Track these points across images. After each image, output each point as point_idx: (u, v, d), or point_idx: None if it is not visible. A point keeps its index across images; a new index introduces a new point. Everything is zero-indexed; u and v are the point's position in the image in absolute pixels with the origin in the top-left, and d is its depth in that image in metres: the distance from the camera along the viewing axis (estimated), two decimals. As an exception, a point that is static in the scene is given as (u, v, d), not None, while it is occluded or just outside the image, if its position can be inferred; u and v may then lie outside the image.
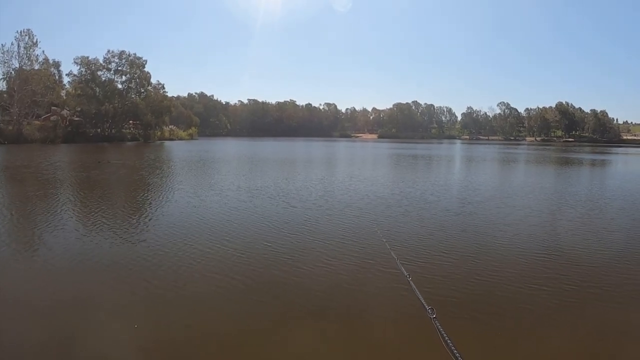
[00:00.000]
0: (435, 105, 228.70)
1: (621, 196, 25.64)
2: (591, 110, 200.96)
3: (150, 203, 21.07)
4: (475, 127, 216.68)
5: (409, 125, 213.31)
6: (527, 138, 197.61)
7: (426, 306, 4.06)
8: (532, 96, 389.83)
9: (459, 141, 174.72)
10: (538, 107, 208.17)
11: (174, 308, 8.53)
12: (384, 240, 10.02)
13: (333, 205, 19.94)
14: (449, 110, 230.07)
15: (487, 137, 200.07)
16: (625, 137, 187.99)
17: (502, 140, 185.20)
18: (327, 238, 13.85)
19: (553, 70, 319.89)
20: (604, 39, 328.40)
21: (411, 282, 4.86)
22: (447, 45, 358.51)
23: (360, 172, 37.62)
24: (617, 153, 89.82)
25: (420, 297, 4.38)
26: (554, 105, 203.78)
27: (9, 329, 7.53)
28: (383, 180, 31.17)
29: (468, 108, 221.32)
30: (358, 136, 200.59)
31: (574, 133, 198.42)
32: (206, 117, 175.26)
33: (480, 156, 71.30)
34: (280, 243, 13.14)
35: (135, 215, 17.63)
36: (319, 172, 36.85)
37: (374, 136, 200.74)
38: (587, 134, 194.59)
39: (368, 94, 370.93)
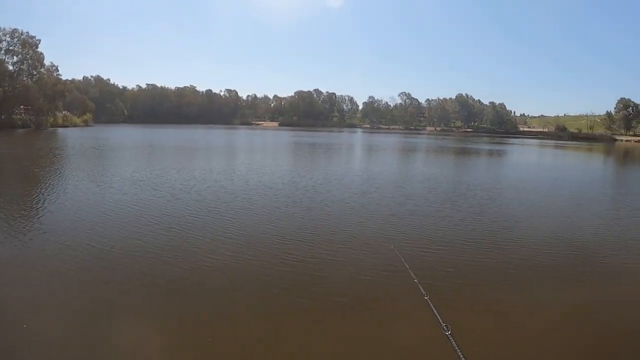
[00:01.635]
0: (337, 93, 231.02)
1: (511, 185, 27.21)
2: (490, 102, 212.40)
3: (34, 196, 19.52)
4: (377, 117, 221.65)
5: (310, 114, 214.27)
6: (427, 128, 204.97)
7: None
8: (434, 88, 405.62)
9: (359, 130, 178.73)
10: (439, 98, 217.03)
11: None
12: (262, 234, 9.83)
13: (220, 197, 19.34)
14: (351, 99, 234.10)
15: (387, 127, 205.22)
16: (522, 129, 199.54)
17: (402, 129, 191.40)
18: (209, 234, 13.41)
19: (456, 64, 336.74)
20: (508, 36, 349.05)
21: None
22: (350, 36, 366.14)
23: (256, 162, 37.25)
24: (512, 144, 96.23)
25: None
26: (454, 97, 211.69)
27: None
28: (278, 170, 30.74)
29: (369, 97, 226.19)
30: (259, 124, 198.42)
31: (473, 124, 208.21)
32: (102, 103, 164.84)
33: (379, 145, 72.90)
34: (154, 237, 12.72)
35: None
36: (213, 162, 35.97)
37: (275, 124, 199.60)
38: (485, 125, 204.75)
39: (270, 80, 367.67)
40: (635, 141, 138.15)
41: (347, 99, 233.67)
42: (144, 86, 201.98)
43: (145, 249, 11.53)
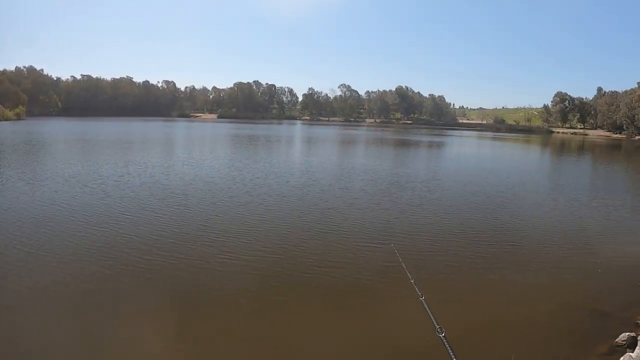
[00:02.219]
0: (277, 85, 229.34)
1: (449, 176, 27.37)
2: (429, 94, 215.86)
3: None
4: (316, 108, 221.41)
5: (249, 106, 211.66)
6: (366, 120, 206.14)
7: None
8: (374, 81, 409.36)
9: (299, 122, 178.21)
10: (378, 90, 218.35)
11: None
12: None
13: (154, 194, 18.66)
14: (290, 91, 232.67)
15: (327, 119, 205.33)
16: (461, 121, 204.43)
17: (342, 121, 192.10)
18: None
19: (396, 57, 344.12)
20: (447, 29, 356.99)
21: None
22: (289, 27, 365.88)
23: (193, 156, 36.03)
24: (452, 135, 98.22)
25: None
26: (394, 89, 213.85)
27: None
28: (216, 164, 30.01)
29: (309, 89, 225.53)
30: (197, 116, 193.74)
31: (412, 116, 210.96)
32: (35, 95, 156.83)
33: (319, 137, 72.32)
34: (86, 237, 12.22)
35: None
36: (149, 156, 34.01)
37: (214, 116, 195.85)
38: (425, 117, 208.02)
39: (209, 71, 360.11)
40: (571, 133, 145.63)
41: (286, 90, 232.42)
42: (78, 77, 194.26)
43: (77, 250, 11.10)
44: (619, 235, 15.44)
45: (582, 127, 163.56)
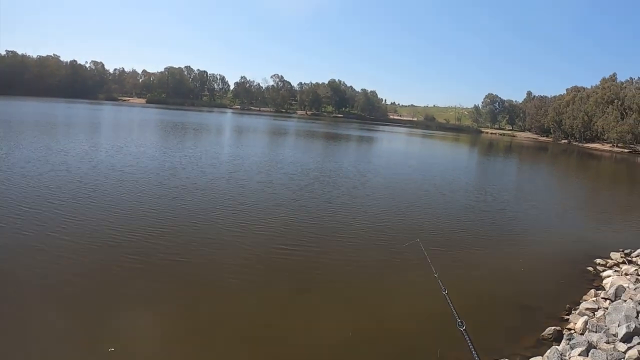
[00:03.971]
0: (209, 72, 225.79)
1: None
2: (362, 89, 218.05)
3: None
4: (248, 98, 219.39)
5: (179, 91, 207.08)
6: (298, 111, 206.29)
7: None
8: (307, 73, 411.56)
9: (230, 111, 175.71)
10: (311, 83, 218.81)
11: None
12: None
13: (61, 186, 17.97)
14: (222, 79, 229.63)
15: (258, 109, 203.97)
16: (391, 117, 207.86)
17: (273, 112, 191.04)
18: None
19: (331, 53, 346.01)
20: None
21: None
22: (226, 12, 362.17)
23: (114, 142, 33.64)
24: (382, 131, 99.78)
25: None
26: (326, 82, 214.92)
27: None
28: (136, 151, 28.79)
29: (242, 78, 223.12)
30: (125, 100, 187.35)
31: (344, 109, 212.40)
32: None
33: (249, 127, 71.55)
34: None
35: None
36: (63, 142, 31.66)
37: (142, 101, 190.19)
38: (356, 112, 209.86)
39: (140, 54, 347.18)
40: (500, 134, 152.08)
41: (218, 78, 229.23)
42: (3, 53, 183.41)
43: None
44: (542, 234, 16.14)
45: (511, 128, 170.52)
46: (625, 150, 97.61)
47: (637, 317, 7.92)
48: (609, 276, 11.18)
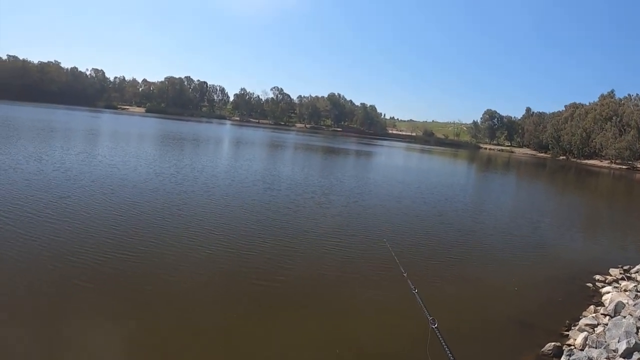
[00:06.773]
0: (209, 83, 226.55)
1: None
2: (361, 103, 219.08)
3: None
4: (247, 109, 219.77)
5: (179, 101, 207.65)
6: (297, 124, 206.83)
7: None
8: (307, 87, 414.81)
9: (229, 122, 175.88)
10: (310, 96, 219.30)
11: None
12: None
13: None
14: (222, 90, 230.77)
15: (257, 120, 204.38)
16: (391, 132, 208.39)
17: (272, 124, 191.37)
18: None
19: (330, 69, 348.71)
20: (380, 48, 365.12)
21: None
22: (226, 27, 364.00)
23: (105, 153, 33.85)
24: (381, 146, 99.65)
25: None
26: (326, 96, 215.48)
27: None
28: (125, 159, 29.11)
29: (241, 89, 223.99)
30: (125, 108, 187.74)
31: (343, 123, 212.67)
32: None
33: (247, 140, 71.22)
34: None
35: None
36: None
37: (142, 110, 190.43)
38: (355, 125, 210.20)
39: (141, 62, 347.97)
40: (498, 150, 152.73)
41: (218, 89, 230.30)
42: (4, 57, 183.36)
43: None
44: (540, 249, 16.01)
45: (509, 144, 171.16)
46: (624, 167, 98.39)
47: (637, 332, 7.89)
48: (608, 292, 11.10)
